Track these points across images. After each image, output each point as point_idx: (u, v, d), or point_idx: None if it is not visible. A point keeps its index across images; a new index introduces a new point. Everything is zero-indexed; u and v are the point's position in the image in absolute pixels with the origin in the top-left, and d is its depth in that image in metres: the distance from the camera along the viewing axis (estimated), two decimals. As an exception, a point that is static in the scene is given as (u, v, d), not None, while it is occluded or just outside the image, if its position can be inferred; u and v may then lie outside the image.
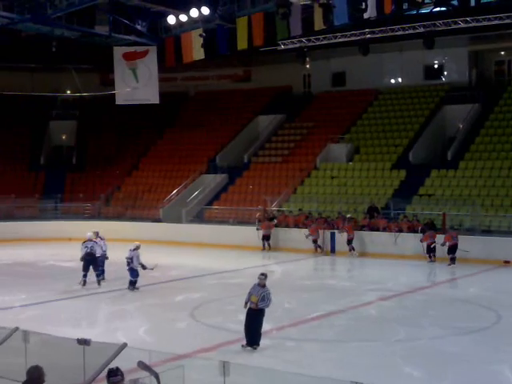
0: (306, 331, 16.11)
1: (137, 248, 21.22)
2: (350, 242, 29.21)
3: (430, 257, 27.17)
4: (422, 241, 27.49)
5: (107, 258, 22.67)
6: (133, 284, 21.05)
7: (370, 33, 33.04)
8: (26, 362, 9.50)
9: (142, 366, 8.22)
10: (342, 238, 29.41)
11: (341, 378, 8.69)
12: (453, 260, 26.18)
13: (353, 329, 16.34)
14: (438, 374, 12.63)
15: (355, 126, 40.24)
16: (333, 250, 30.02)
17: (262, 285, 14.14)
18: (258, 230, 31.27)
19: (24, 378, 9.37)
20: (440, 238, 26.64)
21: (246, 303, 14.18)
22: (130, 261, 21.06)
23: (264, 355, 13.72)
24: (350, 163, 37.00)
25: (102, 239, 23.08)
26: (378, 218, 30.44)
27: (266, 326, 16.44)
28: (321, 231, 30.12)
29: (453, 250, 26.21)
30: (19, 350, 9.64)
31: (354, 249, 29.09)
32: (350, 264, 28.09)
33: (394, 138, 37.99)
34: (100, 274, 22.19)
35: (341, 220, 30.56)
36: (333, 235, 30.13)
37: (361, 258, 28.65)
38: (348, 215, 30.88)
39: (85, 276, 21.66)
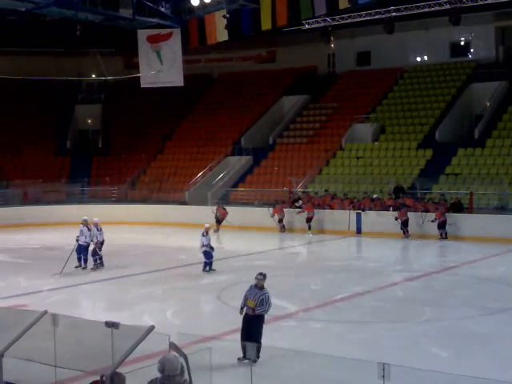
0: (332, 312, 16.10)
1: (207, 230, 21.45)
2: (308, 220, 30.19)
3: (404, 232, 28.14)
4: (396, 218, 28.15)
5: (101, 244, 22.37)
6: (209, 265, 21.25)
7: (395, 11, 32.75)
8: (55, 346, 9.58)
9: (174, 347, 8.32)
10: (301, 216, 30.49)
11: (368, 359, 8.65)
12: (444, 235, 27.26)
13: (379, 310, 16.27)
14: (466, 355, 12.56)
15: (381, 105, 39.96)
16: (359, 231, 29.92)
17: (259, 286, 12.19)
18: (272, 217, 31.21)
19: (53, 361, 9.49)
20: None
21: (242, 308, 12.25)
22: (204, 247, 21.19)
23: (290, 336, 13.74)
24: (376, 143, 36.78)
25: (89, 227, 22.41)
26: (405, 197, 30.26)
27: (292, 307, 16.54)
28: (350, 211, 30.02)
29: (443, 225, 27.34)
30: (48, 334, 9.69)
31: (310, 228, 30.18)
32: (375, 245, 27.96)
33: (420, 116, 37.68)
34: (79, 259, 22.01)
35: (367, 200, 30.47)
36: (359, 216, 30.02)
37: (386, 238, 28.50)
38: (374, 195, 30.78)
39: (78, 260, 21.99)
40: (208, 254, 21.23)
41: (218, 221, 31.40)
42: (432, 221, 27.52)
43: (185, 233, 29.26)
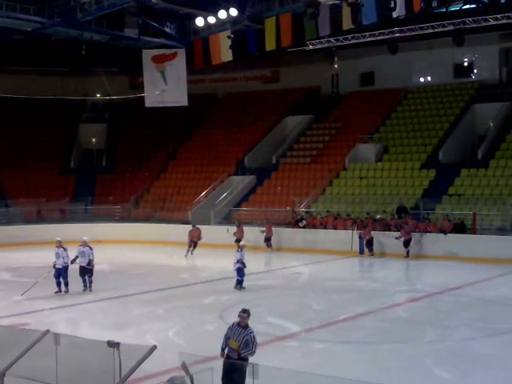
0: (335, 333, 16.04)
1: (241, 248, 21.55)
2: (267, 239, 31.32)
3: (371, 251, 29.23)
4: (398, 237, 28.38)
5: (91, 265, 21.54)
6: (240, 283, 21.31)
7: (398, 31, 32.91)
8: (57, 365, 9.57)
9: (184, 367, 8.34)
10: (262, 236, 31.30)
11: (371, 380, 8.63)
12: (408, 253, 28.14)
13: (383, 330, 16.21)
14: (469, 376, 12.52)
15: (384, 125, 40.05)
16: (362, 252, 29.84)
17: (243, 325, 10.61)
18: (262, 232, 31.63)
19: (54, 380, 9.46)
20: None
21: (223, 350, 10.64)
22: (239, 264, 21.32)
23: (294, 357, 13.67)
24: (379, 163, 36.81)
25: (65, 248, 21.59)
26: (407, 218, 30.25)
27: (294, 327, 16.49)
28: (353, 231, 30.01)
29: (407, 243, 28.05)
30: (50, 353, 9.69)
31: (271, 246, 31.52)
32: (378, 265, 27.91)
33: (423, 137, 37.73)
34: (59, 284, 21.01)
35: (370, 221, 30.44)
36: (361, 236, 29.97)
37: (389, 258, 28.46)
38: (378, 216, 30.78)
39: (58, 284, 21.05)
40: (241, 271, 21.31)
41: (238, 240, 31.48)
42: (396, 238, 28.26)
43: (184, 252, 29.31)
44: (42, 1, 33.55)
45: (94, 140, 47.33)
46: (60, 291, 20.91)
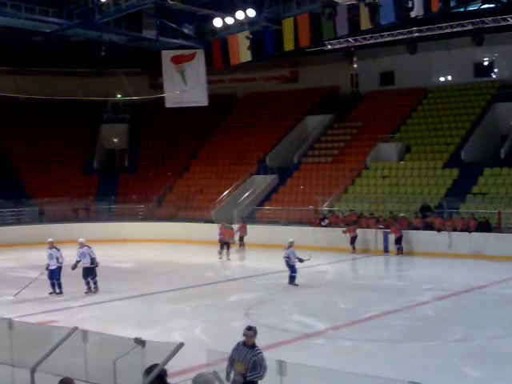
0: (361, 331, 16.01)
1: (291, 244, 21.66)
2: (241, 238, 31.79)
3: (353, 248, 30.10)
4: (344, 232, 29.92)
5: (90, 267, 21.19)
6: (293, 279, 21.39)
7: (417, 31, 32.67)
8: (86, 362, 9.60)
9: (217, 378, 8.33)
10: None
11: (398, 378, 8.57)
12: (400, 250, 28.91)
13: (409, 329, 16.17)
14: (496, 375, 12.44)
15: (405, 125, 39.85)
16: (386, 250, 29.79)
17: (249, 344, 9.40)
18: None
19: (84, 376, 9.49)
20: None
21: (228, 374, 9.31)
22: (287, 259, 21.60)
23: (320, 355, 13.67)
24: (401, 162, 36.65)
25: (58, 248, 21.28)
26: (433, 216, 30.12)
27: (321, 325, 16.46)
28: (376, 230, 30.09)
29: (399, 241, 28.91)
30: (78, 350, 9.73)
31: (243, 245, 31.95)
32: (404, 264, 27.80)
33: (445, 136, 37.50)
34: (53, 285, 20.82)
35: (392, 220, 30.36)
36: (385, 235, 29.90)
37: (414, 257, 28.33)
38: (401, 214, 30.69)
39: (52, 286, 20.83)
40: (292, 267, 21.45)
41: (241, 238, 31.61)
42: (343, 232, 29.85)
43: (211, 251, 29.24)
44: (61, 3, 33.78)
45: (115, 140, 47.52)
46: (55, 292, 20.71)
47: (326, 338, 15.18)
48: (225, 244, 29.26)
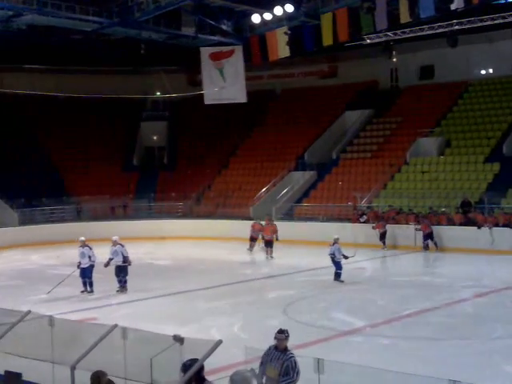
0: (400, 328, 15.93)
1: (336, 241, 21.78)
2: (268, 243, 28.50)
3: (383, 244, 29.99)
4: (374, 228, 30.01)
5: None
6: (338, 276, 21.52)
7: (457, 24, 32.32)
8: (125, 359, 9.71)
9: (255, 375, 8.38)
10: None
11: (438, 376, 8.52)
12: (427, 246, 29.12)
13: (448, 326, 16.01)
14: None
15: (445, 119, 39.43)
16: (425, 247, 29.53)
17: (281, 348, 8.96)
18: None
19: (123, 373, 9.62)
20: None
21: (260, 378, 8.92)
22: (333, 256, 21.71)
23: (358, 352, 13.62)
24: (442, 157, 36.28)
25: (90, 247, 21.27)
26: (476, 212, 29.79)
27: (359, 322, 16.41)
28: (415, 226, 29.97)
29: (429, 236, 29.04)
30: (118, 347, 9.86)
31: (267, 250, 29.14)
32: (443, 260, 27.55)
33: (486, 130, 37.01)
34: (85, 284, 20.84)
35: (432, 216, 30.14)
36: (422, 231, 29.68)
37: (454, 253, 28.06)
38: (442, 209, 30.45)
39: (84, 284, 20.87)
40: (337, 263, 21.57)
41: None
42: (416, 229, 29.47)
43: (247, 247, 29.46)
44: (101, 1, 34.12)
45: (155, 138, 47.86)
46: (86, 291, 20.72)
47: (363, 335, 15.13)
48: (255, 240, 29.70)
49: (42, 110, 44.73)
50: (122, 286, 20.92)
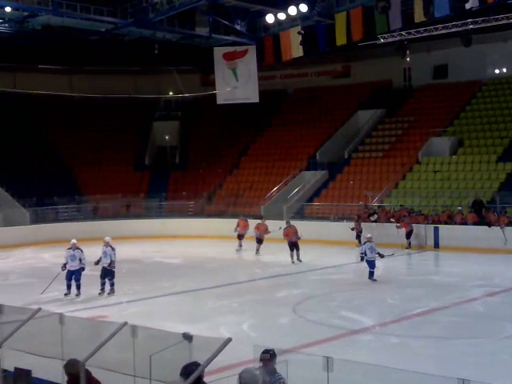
0: (409, 327, 15.90)
1: (368, 240, 21.91)
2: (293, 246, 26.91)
3: (409, 244, 30.03)
4: (398, 227, 29.64)
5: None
6: (371, 275, 21.60)
7: (472, 23, 32.19)
8: (134, 356, 9.76)
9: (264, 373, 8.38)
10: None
11: (447, 375, 8.52)
12: (409, 244, 29.70)
13: (458, 325, 15.98)
14: (550, 373, 12.23)
15: (458, 118, 39.30)
16: (436, 246, 29.47)
17: (269, 371, 8.07)
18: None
19: (132, 371, 9.66)
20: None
21: None
22: (363, 255, 21.79)
23: (367, 351, 13.62)
24: (454, 157, 36.18)
25: (113, 247, 20.72)
26: (490, 212, 29.70)
27: (368, 321, 16.41)
28: (406, 228, 29.92)
29: (408, 235, 29.60)
30: (127, 345, 9.90)
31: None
32: (454, 259, 27.44)
33: (499, 129, 36.87)
34: (103, 284, 20.52)
35: (446, 214, 30.16)
36: (436, 230, 29.62)
37: (465, 252, 27.97)
38: (459, 208, 30.43)
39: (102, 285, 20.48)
40: (370, 262, 21.60)
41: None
42: (398, 227, 29.54)
43: (260, 247, 29.41)
44: (115, 2, 34.27)
45: (167, 137, 48.00)
46: (103, 291, 20.39)
47: (373, 334, 15.13)
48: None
49: (55, 110, 44.95)
50: (111, 289, 20.36)
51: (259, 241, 29.66)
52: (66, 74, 46.69)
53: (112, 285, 20.43)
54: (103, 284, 20.40)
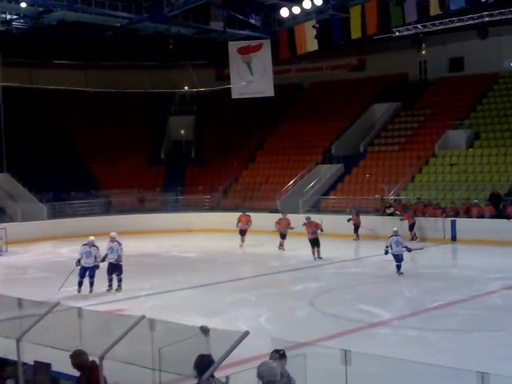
0: (427, 320, 15.85)
1: (394, 233, 21.95)
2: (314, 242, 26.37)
3: (414, 235, 30.13)
4: (402, 220, 29.62)
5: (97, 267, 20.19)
6: (398, 268, 21.52)
7: (488, 16, 31.97)
8: (152, 350, 9.79)
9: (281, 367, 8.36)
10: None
11: (465, 368, 8.49)
12: (414, 236, 29.71)
13: (476, 318, 15.92)
14: None
15: (475, 111, 39.08)
16: (454, 239, 29.35)
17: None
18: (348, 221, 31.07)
19: (151, 364, 9.70)
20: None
21: None
22: (387, 248, 21.75)
23: (385, 344, 13.60)
24: (470, 149, 35.99)
25: (119, 242, 20.52)
26: (508, 205, 29.53)
27: (386, 314, 16.38)
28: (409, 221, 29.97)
29: (411, 227, 29.67)
30: (145, 338, 9.93)
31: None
32: (471, 252, 27.33)
33: (516, 122, 36.67)
34: (111, 280, 20.30)
35: (465, 207, 30.09)
36: (453, 223, 29.49)
37: (482, 245, 27.82)
38: (475, 200, 30.31)
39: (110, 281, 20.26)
40: (396, 256, 21.56)
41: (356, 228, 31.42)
42: (401, 219, 29.60)
43: (276, 240, 29.34)
44: (130, -3, 34.36)
45: (182, 132, 48.05)
46: (111, 287, 20.15)
47: (391, 327, 15.10)
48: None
49: (70, 105, 45.11)
50: (119, 285, 20.14)
51: (283, 236, 29.08)
52: (82, 70, 46.83)
53: (119, 281, 20.18)
54: (111, 280, 20.15)
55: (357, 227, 31.22)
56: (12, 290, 15.70)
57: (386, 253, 21.91)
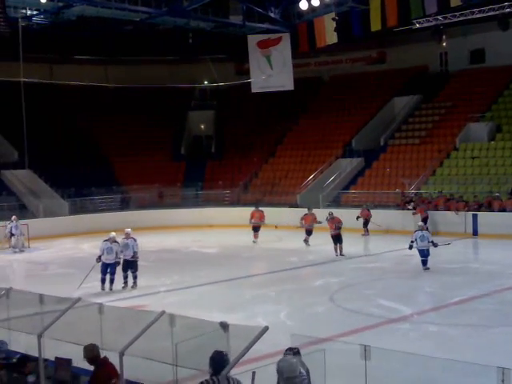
0: (448, 316, 15.76)
1: (419, 228, 21.89)
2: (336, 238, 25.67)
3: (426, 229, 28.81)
4: (414, 214, 29.54)
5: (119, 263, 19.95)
6: (424, 263, 21.42)
7: (509, 7, 31.69)
8: (172, 345, 9.82)
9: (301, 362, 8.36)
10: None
11: (486, 363, 8.44)
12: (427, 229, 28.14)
13: (498, 313, 15.79)
14: None
15: (496, 103, 38.73)
16: (475, 233, 29.15)
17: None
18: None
19: (171, 360, 9.74)
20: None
21: None
22: (411, 243, 21.59)
23: (405, 340, 13.56)
24: (492, 142, 35.70)
25: (135, 239, 20.28)
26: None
27: (406, 310, 16.33)
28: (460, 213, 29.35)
29: (424, 221, 27.98)
30: (165, 333, 9.96)
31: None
32: (492, 247, 27.15)
33: (538, 114, 36.31)
34: (126, 277, 20.06)
35: (488, 200, 29.95)
36: (475, 217, 29.28)
37: (504, 240, 27.61)
38: (496, 194, 30.10)
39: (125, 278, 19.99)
40: (421, 251, 21.44)
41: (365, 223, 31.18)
42: (413, 213, 29.68)
43: (296, 235, 29.30)
44: (149, -9, 34.44)
45: (202, 127, 48.11)
46: (126, 284, 19.94)
47: (411, 322, 15.04)
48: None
49: (91, 101, 45.27)
50: (134, 282, 19.91)
51: (309, 232, 28.32)
52: (102, 65, 47.03)
53: (135, 277, 19.95)
54: (126, 277, 19.91)
55: (367, 221, 30.98)
56: (34, 286, 15.78)
57: (411, 247, 21.64)
